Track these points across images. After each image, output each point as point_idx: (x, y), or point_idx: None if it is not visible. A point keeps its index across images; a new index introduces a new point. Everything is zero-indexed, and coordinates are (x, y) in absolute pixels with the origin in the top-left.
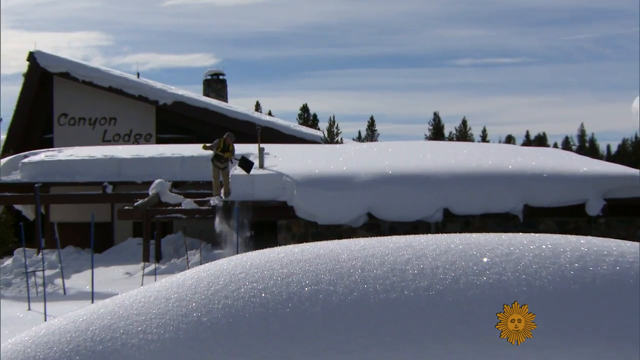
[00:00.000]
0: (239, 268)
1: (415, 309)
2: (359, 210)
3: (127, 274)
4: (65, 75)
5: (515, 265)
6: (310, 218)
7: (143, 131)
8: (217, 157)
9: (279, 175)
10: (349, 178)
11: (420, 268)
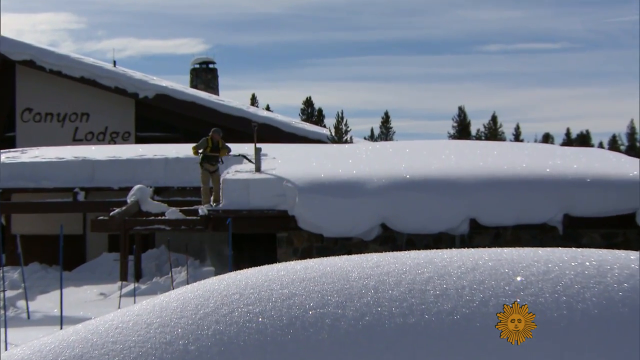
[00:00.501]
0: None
1: (438, 335)
2: (372, 221)
3: (101, 295)
4: (29, 63)
5: (554, 286)
6: (315, 230)
7: (120, 129)
8: (206, 158)
9: (278, 180)
10: (359, 183)
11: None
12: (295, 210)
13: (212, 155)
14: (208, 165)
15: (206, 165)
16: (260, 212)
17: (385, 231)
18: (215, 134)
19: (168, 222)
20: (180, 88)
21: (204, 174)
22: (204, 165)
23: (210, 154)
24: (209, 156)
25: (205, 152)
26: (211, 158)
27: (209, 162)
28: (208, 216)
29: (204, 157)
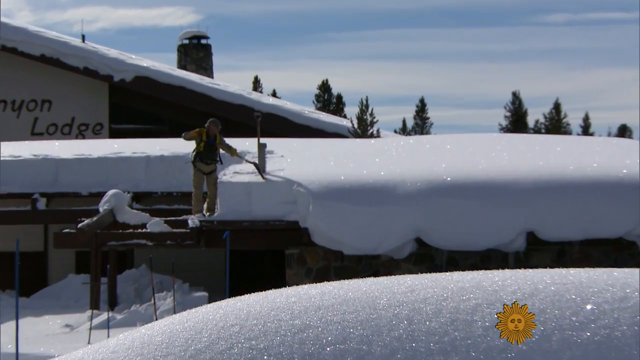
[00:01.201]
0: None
1: None
2: (404, 235)
3: (67, 327)
4: None
5: (634, 316)
6: (333, 246)
7: (91, 120)
8: (200, 156)
9: (287, 184)
10: (389, 188)
11: (494, 319)
12: (308, 222)
13: (206, 152)
14: (202, 165)
15: (200, 165)
16: (265, 223)
17: (421, 247)
18: (212, 125)
19: (150, 235)
20: (165, 69)
21: (197, 175)
22: (196, 165)
23: (204, 151)
24: (203, 153)
25: (199, 147)
26: (206, 156)
27: (203, 160)
28: (200, 228)
29: (197, 155)
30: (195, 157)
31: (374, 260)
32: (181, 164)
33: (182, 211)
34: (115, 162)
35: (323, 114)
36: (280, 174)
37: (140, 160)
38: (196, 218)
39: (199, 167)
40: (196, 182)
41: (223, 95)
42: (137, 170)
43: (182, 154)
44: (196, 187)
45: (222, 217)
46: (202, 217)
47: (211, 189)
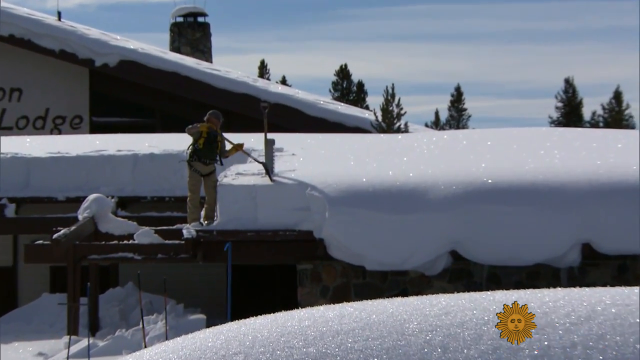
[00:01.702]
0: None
1: None
2: (437, 247)
3: (40, 355)
4: None
5: None
6: (354, 260)
7: (68, 112)
8: (198, 154)
9: (299, 187)
10: (419, 192)
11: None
12: (324, 231)
13: (204, 151)
14: (200, 166)
15: (197, 166)
16: (273, 233)
17: (457, 262)
18: (213, 117)
19: (138, 248)
20: (155, 52)
21: (193, 177)
22: (193, 165)
23: (202, 148)
24: (202, 151)
25: (197, 144)
26: (205, 154)
27: (201, 159)
28: (197, 240)
29: (193, 153)
30: (192, 156)
31: (402, 276)
32: (175, 163)
33: (175, 219)
34: (97, 161)
35: (341, 105)
36: (291, 176)
37: (127, 159)
38: (192, 227)
39: (195, 168)
40: (192, 185)
41: (224, 82)
42: (123, 171)
43: (176, 152)
44: (192, 191)
45: (222, 227)
46: (200, 226)
47: (210, 193)
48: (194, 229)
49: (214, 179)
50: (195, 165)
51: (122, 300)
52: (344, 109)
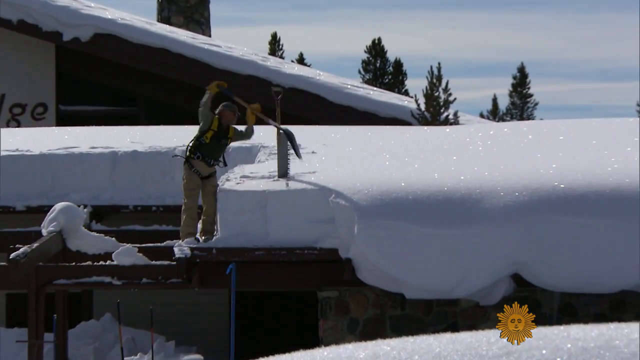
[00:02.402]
0: None
1: None
2: (496, 269)
3: None
4: None
5: None
6: (390, 286)
7: (29, 99)
8: (202, 150)
9: (320, 193)
10: (473, 200)
11: None
12: (352, 250)
13: (215, 149)
14: (201, 165)
15: (198, 165)
16: (289, 252)
17: (521, 288)
18: (228, 111)
19: (118, 270)
20: (139, 24)
21: (192, 179)
22: (193, 164)
23: (210, 145)
24: (208, 148)
25: (204, 138)
26: (211, 152)
27: (205, 158)
28: (192, 260)
29: (196, 148)
30: (193, 152)
31: (451, 307)
32: (164, 163)
33: (165, 234)
34: (65, 161)
35: (374, 90)
36: (311, 179)
37: (103, 158)
38: (186, 244)
39: (196, 168)
40: (190, 189)
41: (226, 61)
42: (98, 173)
43: (165, 149)
44: (189, 197)
45: (224, 243)
46: (196, 242)
47: (209, 201)
48: (188, 246)
49: (214, 183)
50: (196, 164)
51: (98, 336)
52: (377, 95)
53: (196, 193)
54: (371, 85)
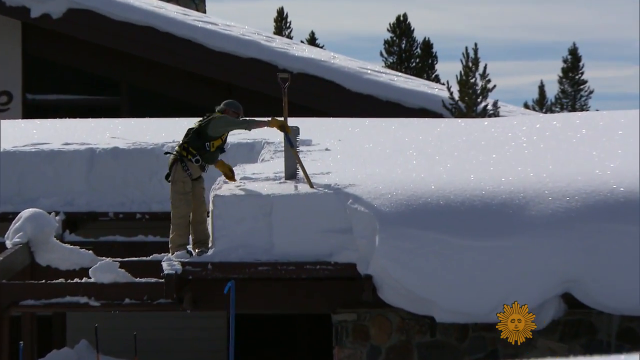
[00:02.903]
0: None
1: None
2: (543, 288)
3: None
4: None
5: None
6: (418, 307)
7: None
8: (204, 156)
9: (335, 199)
10: (516, 206)
11: None
12: (373, 265)
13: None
14: (195, 168)
15: (193, 168)
16: (298, 267)
17: (573, 310)
18: (231, 110)
19: (95, 290)
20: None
21: (185, 182)
22: (188, 166)
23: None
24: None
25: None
26: (211, 160)
27: (202, 163)
28: (184, 277)
29: (198, 152)
30: (192, 153)
31: (490, 332)
32: (149, 162)
33: (151, 246)
34: (33, 160)
35: (398, 76)
36: (324, 181)
37: (78, 156)
38: (177, 258)
39: (190, 171)
40: (184, 193)
41: (223, 42)
42: (73, 174)
43: (152, 146)
44: (182, 202)
45: (221, 257)
46: (188, 256)
47: (200, 206)
48: (179, 260)
49: (203, 184)
50: (191, 166)
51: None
52: (403, 82)
53: (190, 198)
54: (395, 70)
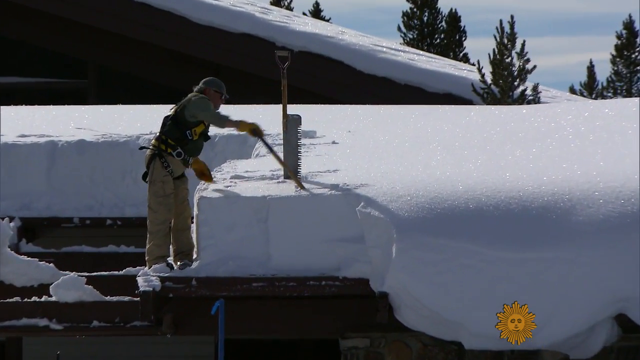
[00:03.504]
0: None
1: None
2: (592, 308)
3: None
4: None
5: None
6: (443, 332)
7: None
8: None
9: (344, 202)
10: (559, 210)
11: None
12: (389, 280)
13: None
14: (177, 164)
15: (173, 163)
16: (300, 283)
17: (629, 335)
18: (212, 90)
19: (57, 310)
20: None
21: (166, 182)
22: (169, 161)
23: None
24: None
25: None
26: (194, 151)
27: (184, 156)
28: (163, 294)
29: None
30: (172, 146)
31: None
32: (122, 158)
33: (124, 258)
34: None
35: (419, 54)
36: (331, 181)
37: (37, 151)
38: (155, 272)
39: (171, 167)
40: (165, 195)
41: (210, 14)
42: (31, 172)
43: (124, 138)
44: (162, 206)
45: (208, 271)
46: (168, 269)
47: (183, 211)
48: (157, 275)
49: (187, 185)
50: (173, 162)
51: None
52: (425, 62)
53: (171, 201)
54: (416, 48)
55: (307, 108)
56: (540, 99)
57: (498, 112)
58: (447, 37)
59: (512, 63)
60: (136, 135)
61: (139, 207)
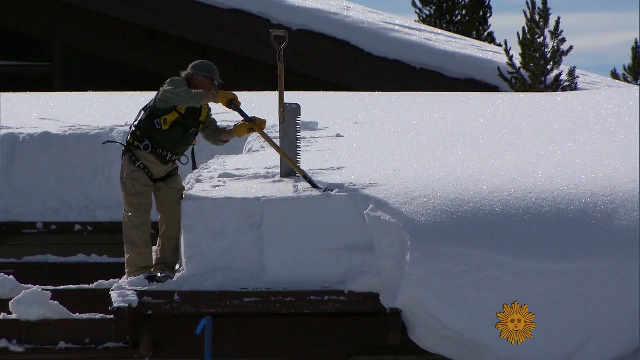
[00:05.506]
0: None
1: None
2: (638, 327)
3: None
4: None
5: None
6: (465, 354)
7: None
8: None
9: (350, 204)
10: (600, 214)
11: None
12: (403, 295)
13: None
14: (151, 160)
15: (146, 159)
16: (298, 297)
17: None
18: (201, 74)
19: (18, 329)
20: None
21: (135, 179)
22: (139, 157)
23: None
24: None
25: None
26: (169, 143)
27: (158, 150)
28: (141, 311)
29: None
30: (139, 138)
31: None
32: (93, 153)
33: (96, 268)
34: None
35: (437, 34)
36: (335, 180)
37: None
38: (131, 285)
39: (142, 162)
40: (134, 194)
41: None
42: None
43: (96, 130)
44: (135, 208)
45: (193, 285)
46: (148, 283)
47: (171, 215)
48: (134, 289)
49: (179, 186)
50: (144, 157)
51: None
52: (444, 43)
53: (145, 201)
54: (433, 27)
55: (307, 96)
56: (578, 85)
57: (528, 101)
58: (469, 14)
59: (545, 43)
60: (109, 127)
61: (113, 210)
